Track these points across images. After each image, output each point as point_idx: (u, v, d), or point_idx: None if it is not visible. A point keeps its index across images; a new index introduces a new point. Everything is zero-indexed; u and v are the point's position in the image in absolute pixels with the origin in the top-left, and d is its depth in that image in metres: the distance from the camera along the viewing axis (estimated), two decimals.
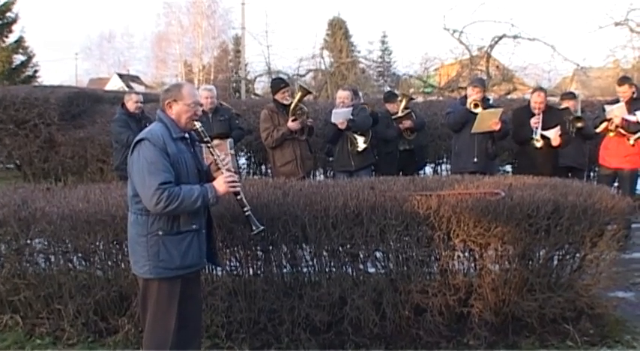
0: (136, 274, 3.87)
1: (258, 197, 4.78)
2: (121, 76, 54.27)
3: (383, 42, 48.17)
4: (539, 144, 7.32)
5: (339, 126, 7.57)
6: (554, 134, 7.28)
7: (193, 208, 3.70)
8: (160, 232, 3.69)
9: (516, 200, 4.69)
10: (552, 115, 7.48)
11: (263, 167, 11.04)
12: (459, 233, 4.67)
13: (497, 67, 20.94)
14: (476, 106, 7.35)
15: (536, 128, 7.36)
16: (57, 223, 4.84)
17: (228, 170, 3.93)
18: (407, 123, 8.66)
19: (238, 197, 3.98)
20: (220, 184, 3.84)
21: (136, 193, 3.71)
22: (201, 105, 4.02)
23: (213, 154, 3.96)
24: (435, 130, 10.47)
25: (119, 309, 4.99)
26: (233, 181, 3.88)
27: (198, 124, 3.91)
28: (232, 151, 7.48)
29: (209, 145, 3.98)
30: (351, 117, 7.60)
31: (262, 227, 4.08)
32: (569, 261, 4.98)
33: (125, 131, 8.07)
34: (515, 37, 19.37)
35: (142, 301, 3.86)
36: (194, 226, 3.78)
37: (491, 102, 8.02)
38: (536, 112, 7.41)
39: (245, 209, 4.00)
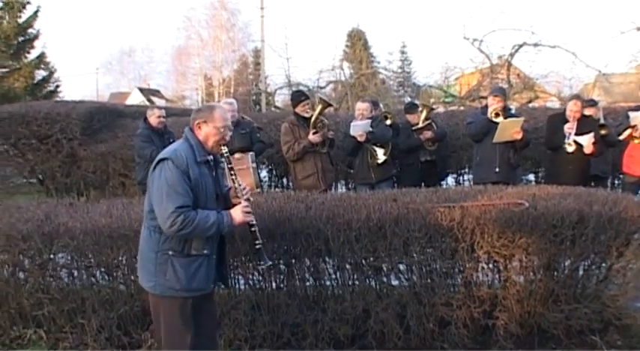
0: (143, 287, 3.87)
1: (281, 211, 4.79)
2: (141, 90, 54.68)
3: (402, 52, 48.28)
4: (570, 149, 7.26)
5: (358, 138, 7.57)
6: (587, 141, 7.21)
7: (207, 234, 3.69)
8: (170, 252, 3.69)
9: (540, 210, 4.66)
10: (587, 124, 7.41)
11: (284, 180, 11.04)
12: (483, 245, 4.65)
13: (518, 75, 20.81)
14: (497, 115, 7.31)
15: (570, 133, 7.30)
16: (80, 238, 4.90)
17: (246, 200, 3.89)
18: (428, 134, 8.63)
19: (252, 229, 3.92)
20: (237, 213, 3.80)
21: (151, 208, 3.71)
22: (231, 130, 3.99)
23: (234, 182, 3.92)
24: (456, 140, 10.42)
25: (142, 323, 5.02)
26: (249, 212, 3.84)
27: (224, 150, 3.87)
28: (254, 165, 7.50)
29: (232, 172, 3.93)
30: (371, 129, 7.60)
31: (270, 263, 4.11)
32: (595, 271, 4.94)
33: (148, 146, 8.12)
34: (535, 44, 19.23)
35: (155, 316, 3.87)
36: (205, 251, 3.76)
37: (512, 111, 7.97)
38: (571, 120, 7.36)
39: (257, 243, 3.95)
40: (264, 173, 10.78)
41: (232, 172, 3.93)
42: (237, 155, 7.22)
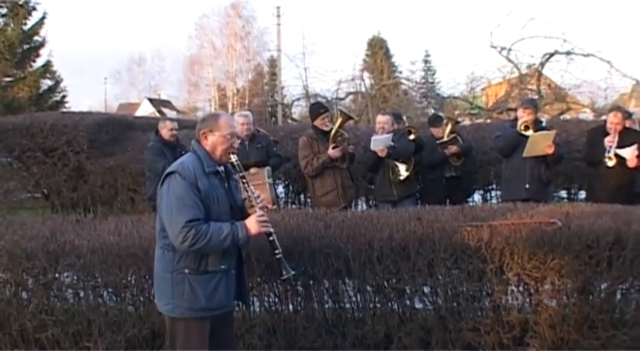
0: (160, 310, 3.88)
1: (299, 229, 4.80)
2: (151, 101, 55.14)
3: (426, 61, 48.42)
4: (611, 163, 7.19)
5: (379, 154, 7.57)
6: (630, 153, 7.12)
7: (222, 247, 3.69)
8: (187, 270, 3.70)
9: (574, 230, 4.62)
10: (629, 136, 7.33)
11: (302, 197, 11.04)
12: (512, 266, 4.62)
13: (549, 85, 20.75)
14: (527, 128, 7.28)
15: (610, 146, 7.25)
16: (87, 256, 4.92)
17: (261, 209, 3.90)
18: (453, 148, 8.62)
19: (270, 238, 3.93)
20: (252, 223, 3.80)
21: (163, 227, 3.73)
22: (239, 137, 4.02)
23: (247, 190, 3.94)
24: (483, 155, 10.37)
25: (151, 347, 5.02)
26: (266, 221, 3.85)
27: (234, 158, 3.90)
28: (270, 180, 7.53)
29: (244, 180, 3.95)
30: (392, 144, 7.60)
31: (293, 272, 4.05)
32: (634, 295, 4.87)
33: (160, 160, 8.15)
34: (568, 53, 19.16)
35: (170, 339, 3.87)
36: (223, 267, 3.77)
37: (543, 124, 7.93)
38: (612, 132, 7.31)
39: (276, 252, 3.95)
40: (280, 189, 10.79)
41: (244, 180, 3.96)
42: (252, 170, 7.27)
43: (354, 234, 4.73)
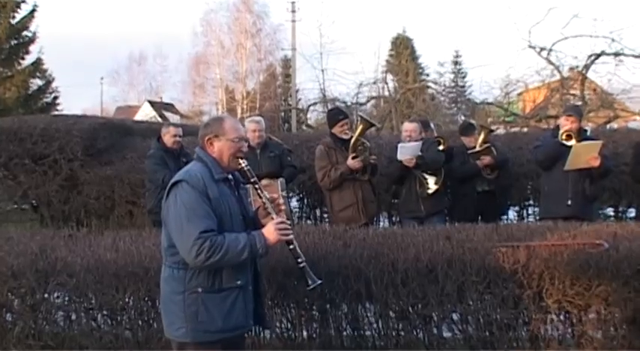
0: (169, 337, 3.88)
1: (314, 248, 4.82)
2: (152, 103, 55.34)
3: (456, 63, 48.19)
4: None
5: (407, 164, 7.58)
6: None
7: (239, 260, 3.69)
8: (200, 289, 3.70)
9: (623, 253, 4.60)
10: None
11: (318, 211, 11.04)
12: (552, 292, 4.60)
13: (595, 90, 20.63)
14: (569, 137, 7.26)
15: None
16: (80, 275, 4.96)
17: (279, 215, 3.93)
18: (486, 159, 8.58)
19: (291, 247, 3.94)
20: (270, 231, 3.80)
21: (171, 243, 3.75)
22: (246, 140, 4.05)
23: (261, 197, 3.95)
24: (519, 167, 10.33)
25: None
26: (285, 228, 3.86)
27: (243, 163, 3.93)
28: (284, 193, 7.55)
29: (257, 185, 3.97)
30: (420, 153, 7.60)
31: (320, 281, 4.03)
32: None
33: (161, 169, 8.20)
34: (616, 54, 19.03)
35: None
36: (239, 282, 3.78)
37: (588, 133, 7.91)
38: None
39: (299, 261, 3.96)
40: (294, 203, 10.80)
41: (257, 186, 3.97)
42: (264, 181, 7.25)
43: (376, 254, 4.74)
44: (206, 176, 3.77)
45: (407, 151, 7.57)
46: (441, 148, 8.25)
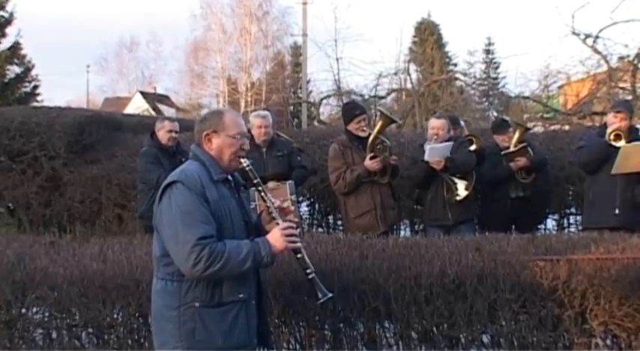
0: None
1: (327, 259, 4.82)
2: (145, 95, 55.54)
3: (487, 51, 48.14)
4: None
5: (435, 166, 7.57)
6: None
7: (241, 270, 3.69)
8: (197, 304, 3.70)
9: None
10: None
11: (331, 218, 11.03)
12: (597, 313, 4.59)
13: None
14: (618, 137, 7.23)
15: None
16: (62, 287, 4.97)
17: (286, 220, 3.93)
18: (522, 161, 8.55)
19: (299, 256, 3.94)
20: (276, 238, 3.80)
21: (164, 252, 3.75)
22: (249, 137, 4.05)
23: (265, 200, 3.97)
24: (560, 170, 10.30)
25: None
26: (292, 234, 3.87)
27: (245, 162, 3.94)
28: (293, 197, 7.53)
29: (260, 187, 3.98)
30: (450, 155, 7.61)
31: (330, 294, 4.02)
32: None
33: (155, 169, 8.19)
34: None
35: None
36: (241, 296, 3.78)
37: None
38: None
39: (308, 271, 3.95)
40: (304, 208, 10.80)
41: (260, 188, 3.98)
42: (270, 184, 7.29)
43: (397, 267, 4.74)
44: (204, 177, 3.78)
45: (436, 153, 7.57)
46: (472, 148, 8.23)
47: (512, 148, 8.65)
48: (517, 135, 8.79)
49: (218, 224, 3.71)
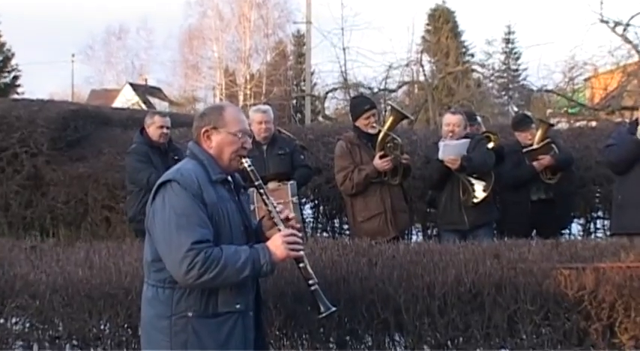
0: None
1: (332, 267, 4.82)
2: (135, 87, 55.47)
3: (507, 41, 48.23)
4: None
5: (450, 165, 7.56)
6: None
7: (239, 278, 3.69)
8: (190, 313, 3.70)
9: None
10: None
11: (336, 222, 11.04)
12: (627, 326, 4.58)
13: None
14: None
15: None
16: (45, 296, 4.97)
17: (288, 226, 3.93)
18: (545, 159, 8.55)
19: (301, 265, 3.93)
20: (277, 244, 3.80)
21: (156, 256, 3.75)
22: (251, 135, 4.05)
23: (267, 203, 3.97)
24: (586, 170, 10.29)
25: None
26: (295, 242, 3.86)
27: (247, 162, 3.95)
28: (295, 199, 7.54)
29: (262, 190, 3.98)
30: (466, 153, 7.60)
31: (334, 308, 4.02)
32: None
33: (145, 168, 8.20)
34: None
35: None
36: (238, 306, 3.78)
37: None
38: None
39: (310, 282, 3.95)
40: (307, 211, 10.81)
41: (262, 190, 3.98)
42: (271, 185, 7.30)
43: (408, 275, 4.74)
44: (201, 177, 3.77)
45: (451, 151, 7.55)
46: (490, 145, 8.22)
47: (534, 146, 8.64)
48: (540, 132, 8.79)
49: (215, 229, 3.72)
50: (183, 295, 3.70)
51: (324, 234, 10.84)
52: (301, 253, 3.92)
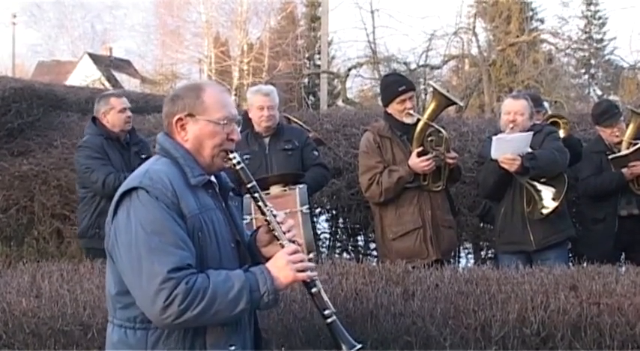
0: None
1: (355, 297, 4.83)
2: (96, 59, 55.60)
3: (589, 3, 48.06)
4: None
5: (507, 167, 7.55)
6: None
7: (232, 313, 3.65)
8: None
9: None
10: None
11: (360, 239, 11.07)
12: None
13: None
14: None
15: None
16: None
17: (291, 241, 3.88)
18: (639, 167, 8.51)
19: (313, 290, 3.87)
20: (280, 265, 3.75)
21: (122, 288, 3.71)
22: (239, 122, 4.01)
23: (265, 212, 3.91)
24: None
25: None
26: (302, 260, 3.81)
27: (235, 158, 3.89)
28: (305, 209, 7.50)
29: (257, 194, 3.93)
30: (530, 150, 7.60)
31: (359, 346, 3.95)
32: None
33: (100, 166, 7.98)
34: None
35: None
36: (232, 348, 3.76)
37: None
38: None
39: (327, 313, 3.88)
40: (323, 224, 10.83)
41: (257, 195, 3.91)
42: (274, 189, 7.27)
43: (456, 311, 4.76)
44: (176, 180, 3.71)
45: (507, 147, 7.53)
46: (561, 134, 8.19)
47: (624, 147, 8.56)
48: (631, 127, 8.72)
49: (198, 249, 3.67)
50: (161, 338, 3.65)
51: (345, 255, 10.86)
52: (314, 273, 3.85)
